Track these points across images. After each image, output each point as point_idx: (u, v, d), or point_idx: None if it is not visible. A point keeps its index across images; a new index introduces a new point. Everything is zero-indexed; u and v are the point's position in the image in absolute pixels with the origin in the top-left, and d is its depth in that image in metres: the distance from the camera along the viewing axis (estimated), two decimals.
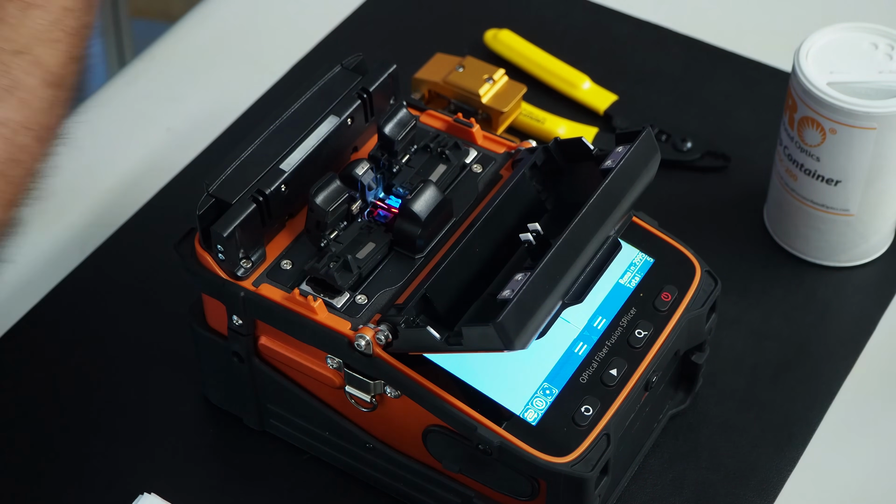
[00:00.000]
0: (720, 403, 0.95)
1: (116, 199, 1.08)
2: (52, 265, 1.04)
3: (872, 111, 0.94)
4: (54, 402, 0.96)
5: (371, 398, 0.84)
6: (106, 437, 0.94)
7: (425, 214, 0.85)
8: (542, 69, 1.15)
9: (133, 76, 1.19)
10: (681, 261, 0.89)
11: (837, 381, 0.97)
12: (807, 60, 0.96)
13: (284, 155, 0.86)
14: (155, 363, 0.98)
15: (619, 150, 0.85)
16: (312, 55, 1.19)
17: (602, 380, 0.83)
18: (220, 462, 0.93)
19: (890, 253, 1.04)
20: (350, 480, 0.91)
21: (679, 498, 0.90)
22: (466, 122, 0.93)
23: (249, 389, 0.90)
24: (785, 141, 0.99)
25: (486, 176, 0.91)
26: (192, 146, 1.12)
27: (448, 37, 1.20)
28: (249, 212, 0.83)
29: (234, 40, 1.22)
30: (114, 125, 1.14)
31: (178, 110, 1.15)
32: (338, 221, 0.86)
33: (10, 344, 0.99)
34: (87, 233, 1.06)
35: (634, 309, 0.87)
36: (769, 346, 0.98)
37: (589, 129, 1.11)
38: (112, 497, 0.90)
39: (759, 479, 0.91)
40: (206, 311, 0.89)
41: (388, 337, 0.81)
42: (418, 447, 0.85)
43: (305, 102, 0.89)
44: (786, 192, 1.01)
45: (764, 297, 1.01)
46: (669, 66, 1.18)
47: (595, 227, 0.81)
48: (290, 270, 0.85)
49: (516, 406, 0.82)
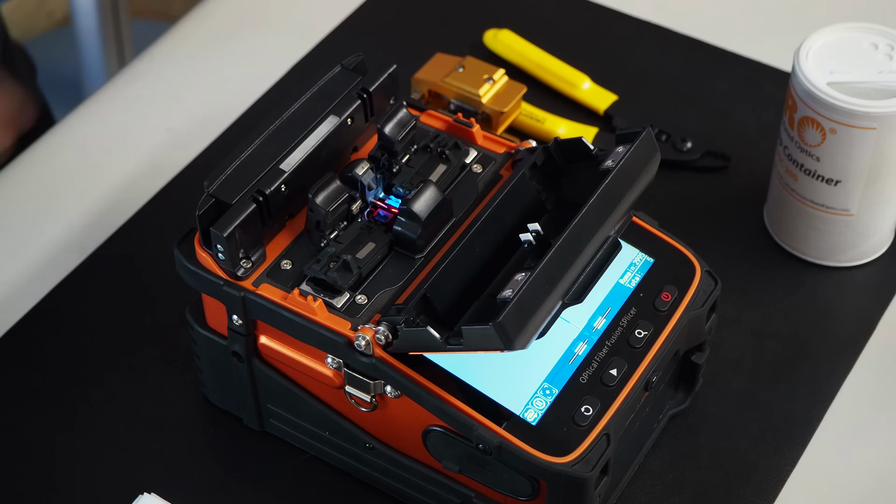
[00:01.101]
0: (720, 403, 0.95)
1: (116, 199, 1.08)
2: (52, 265, 1.04)
3: (872, 111, 0.94)
4: (54, 402, 0.96)
5: (371, 398, 0.84)
6: (106, 437, 0.94)
7: (425, 214, 0.85)
8: (542, 69, 1.15)
9: (133, 76, 1.19)
10: (681, 261, 0.89)
11: (837, 381, 0.97)
12: (807, 60, 0.96)
13: (284, 155, 0.86)
14: (155, 363, 0.98)
15: (619, 150, 0.85)
16: (312, 55, 1.19)
17: (602, 380, 0.83)
18: (220, 462, 0.93)
19: (890, 253, 1.04)
20: (350, 480, 0.91)
21: (679, 498, 0.90)
22: (466, 122, 0.93)
23: (249, 389, 0.90)
24: (785, 141, 0.99)
25: (486, 176, 0.91)
26: (192, 146, 1.12)
27: (448, 37, 1.20)
28: (249, 212, 0.83)
29: (234, 40, 1.22)
30: (114, 125, 1.14)
31: (178, 110, 1.15)
32: (338, 221, 0.86)
33: (10, 344, 0.99)
34: (87, 233, 1.06)
35: (634, 309, 0.87)
36: (769, 346, 0.98)
37: (589, 129, 1.11)
38: (112, 497, 0.90)
39: (759, 479, 0.91)
40: (205, 311, 0.89)
41: (388, 337, 0.81)
42: (418, 447, 0.85)
43: (305, 102, 0.89)
44: (786, 192, 1.01)
45: (764, 297, 1.01)
46: (669, 66, 1.18)
47: (595, 227, 0.81)
48: (290, 270, 0.85)
49: (516, 406, 0.82)
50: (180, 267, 0.87)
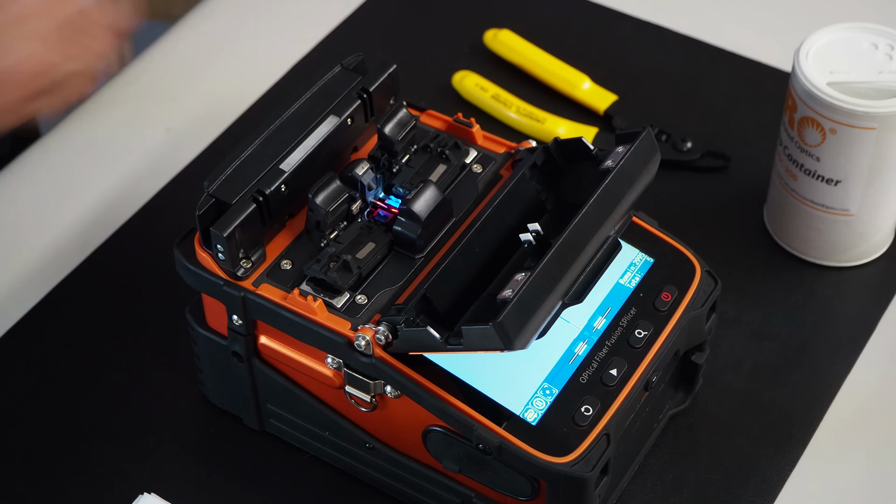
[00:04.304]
0: (720, 403, 0.95)
1: (116, 199, 1.08)
2: (52, 265, 1.04)
3: (872, 111, 0.94)
4: (54, 402, 0.96)
5: (371, 398, 0.84)
6: (106, 437, 0.94)
7: (425, 214, 0.85)
8: (542, 69, 1.15)
9: (133, 76, 1.19)
10: (681, 261, 0.89)
11: (837, 381, 0.96)
12: (807, 60, 0.96)
13: (284, 155, 0.86)
14: (155, 363, 0.98)
15: (619, 150, 0.85)
16: (312, 55, 1.19)
17: (602, 380, 0.83)
18: (220, 462, 0.93)
19: (890, 253, 1.04)
20: (350, 480, 0.91)
21: (679, 498, 0.90)
22: (466, 122, 0.93)
23: (249, 389, 0.90)
24: (785, 141, 0.99)
25: (486, 176, 0.91)
26: (192, 146, 1.12)
27: (448, 37, 1.20)
28: (249, 212, 0.83)
29: (234, 40, 1.22)
30: (114, 125, 1.14)
31: (178, 110, 1.15)
32: (338, 221, 0.86)
33: (10, 344, 0.99)
34: (87, 233, 1.06)
35: (634, 309, 0.87)
36: (769, 346, 0.98)
37: (589, 129, 1.11)
38: (112, 497, 0.90)
39: (759, 479, 0.91)
40: (205, 311, 0.89)
41: (388, 337, 0.81)
42: (418, 447, 0.85)
43: (305, 102, 0.89)
44: (786, 192, 1.01)
45: (764, 297, 1.01)
46: (669, 66, 1.18)
47: (595, 227, 0.81)
48: (290, 270, 0.85)
49: (516, 406, 0.82)
50: (180, 267, 0.87)
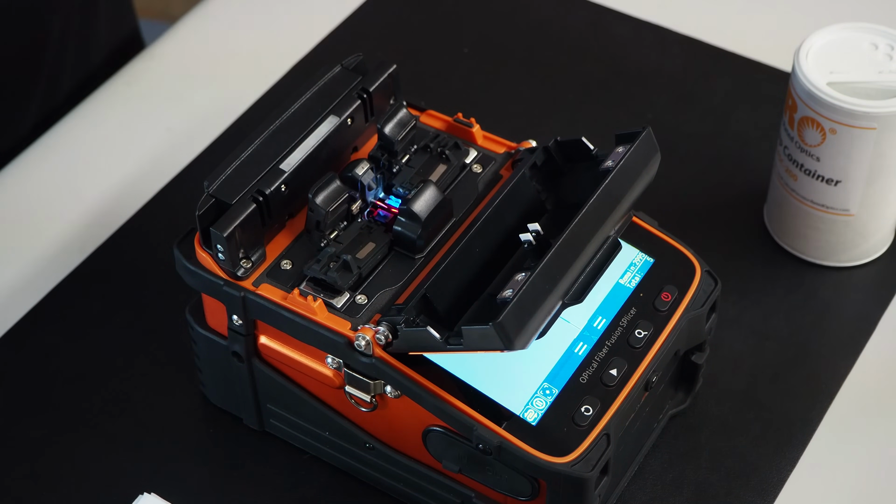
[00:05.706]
0: (720, 403, 0.95)
1: (116, 199, 1.08)
2: (52, 265, 1.04)
3: (872, 111, 0.94)
4: (54, 402, 0.96)
5: (371, 398, 0.84)
6: (106, 437, 0.94)
7: (425, 214, 0.85)
8: None
9: (133, 76, 1.19)
10: (681, 261, 0.89)
11: (837, 381, 0.96)
12: (807, 60, 0.96)
13: (284, 155, 0.86)
14: (155, 363, 0.98)
15: (619, 150, 0.85)
16: (312, 55, 1.19)
17: (602, 380, 0.83)
18: (220, 462, 0.93)
19: (890, 253, 1.04)
20: (350, 480, 0.91)
21: (679, 498, 0.90)
22: (466, 121, 0.93)
23: (249, 389, 0.90)
24: (785, 141, 0.99)
25: (486, 176, 0.91)
26: (192, 146, 1.12)
27: (448, 37, 1.20)
28: (249, 212, 0.83)
29: (234, 40, 1.22)
30: (114, 125, 1.14)
31: (178, 110, 1.15)
32: (338, 221, 0.86)
33: (10, 344, 0.99)
34: (87, 233, 1.06)
35: (634, 309, 0.87)
36: (769, 346, 0.98)
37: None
38: (112, 497, 0.90)
39: (759, 479, 0.91)
40: (205, 311, 0.89)
41: (388, 337, 0.81)
42: (418, 447, 0.85)
43: (305, 102, 0.89)
44: (786, 192, 1.01)
45: (764, 297, 1.01)
46: (669, 66, 1.18)
47: (595, 227, 0.81)
48: (290, 270, 0.85)
49: (516, 406, 0.82)
50: (180, 267, 0.87)
